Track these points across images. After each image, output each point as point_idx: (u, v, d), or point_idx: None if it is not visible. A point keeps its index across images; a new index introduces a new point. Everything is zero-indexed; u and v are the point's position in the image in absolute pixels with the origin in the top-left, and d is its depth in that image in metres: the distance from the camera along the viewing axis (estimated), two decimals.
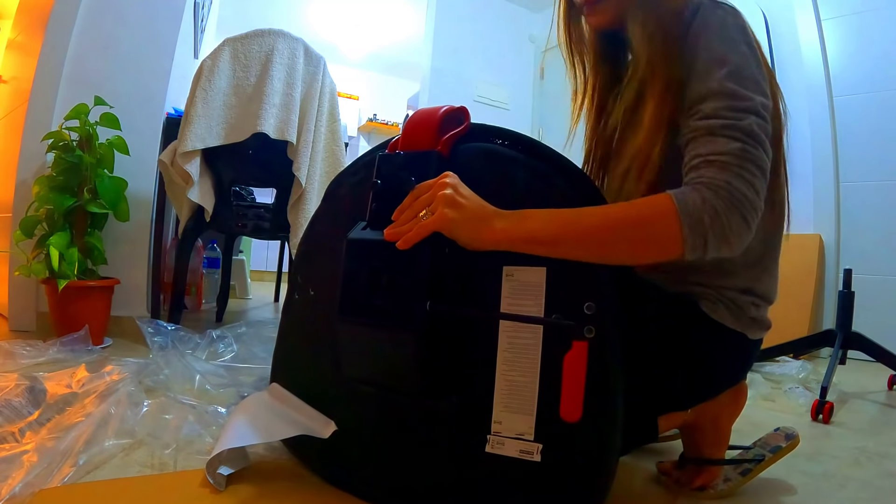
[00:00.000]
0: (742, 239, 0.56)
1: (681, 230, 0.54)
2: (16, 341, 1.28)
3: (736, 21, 0.62)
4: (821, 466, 0.91)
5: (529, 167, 0.63)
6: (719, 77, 0.59)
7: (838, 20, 2.33)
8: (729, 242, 0.55)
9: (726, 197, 0.54)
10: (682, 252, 0.55)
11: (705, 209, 0.54)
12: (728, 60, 0.59)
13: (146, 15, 1.74)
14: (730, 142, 0.56)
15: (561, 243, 0.57)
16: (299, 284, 0.77)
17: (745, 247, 0.57)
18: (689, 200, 0.55)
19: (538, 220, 0.58)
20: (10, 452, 0.68)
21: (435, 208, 0.58)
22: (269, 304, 2.74)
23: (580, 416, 0.55)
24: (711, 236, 0.54)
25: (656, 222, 0.56)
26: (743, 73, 0.59)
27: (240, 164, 1.66)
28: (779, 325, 0.80)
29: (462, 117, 0.68)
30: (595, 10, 0.73)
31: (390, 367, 0.64)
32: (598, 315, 0.56)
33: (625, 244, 0.57)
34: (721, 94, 0.58)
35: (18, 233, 1.43)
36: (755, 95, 0.58)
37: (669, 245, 0.55)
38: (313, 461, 0.73)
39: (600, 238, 0.57)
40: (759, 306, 0.69)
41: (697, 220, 0.54)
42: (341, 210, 0.74)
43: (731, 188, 0.54)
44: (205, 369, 1.11)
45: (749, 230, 0.56)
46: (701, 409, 0.74)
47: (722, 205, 0.54)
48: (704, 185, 0.55)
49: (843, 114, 2.30)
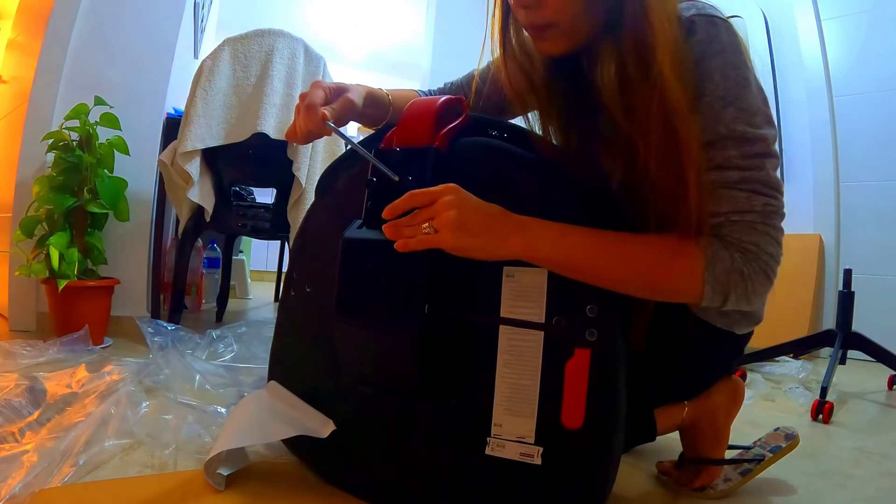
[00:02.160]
0: (763, 297, 0.56)
1: (703, 287, 0.54)
2: (16, 341, 1.28)
3: (732, 39, 0.56)
4: (821, 466, 0.91)
5: (530, 164, 0.62)
6: (727, 119, 0.55)
7: (838, 20, 2.33)
8: (749, 300, 0.55)
9: (754, 260, 0.54)
10: (699, 303, 0.56)
11: (733, 271, 0.53)
12: (733, 95, 0.55)
13: (146, 15, 1.74)
14: (752, 197, 0.54)
15: (575, 272, 0.56)
16: (295, 281, 0.76)
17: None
18: (718, 260, 0.53)
19: (556, 244, 0.55)
20: (10, 452, 0.68)
21: (440, 229, 0.55)
22: (269, 304, 2.74)
23: (582, 423, 0.55)
24: (733, 296, 0.54)
25: (680, 278, 0.55)
26: (751, 109, 0.55)
27: (240, 164, 1.66)
28: (779, 325, 0.80)
29: (460, 109, 0.66)
30: (544, 36, 0.61)
31: (388, 368, 0.64)
32: (601, 318, 0.55)
33: (642, 287, 0.56)
34: (731, 140, 0.54)
35: (18, 233, 1.43)
36: (766, 131, 0.55)
37: (687, 297, 0.56)
38: (313, 461, 0.73)
39: (618, 275, 0.56)
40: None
41: (723, 282, 0.54)
42: (337, 204, 0.73)
43: (760, 251, 0.54)
44: (205, 369, 1.11)
45: (771, 285, 0.55)
46: (699, 408, 0.75)
47: (749, 269, 0.54)
48: (735, 246, 0.54)
49: (843, 114, 2.30)
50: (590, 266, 0.55)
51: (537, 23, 0.60)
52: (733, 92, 0.55)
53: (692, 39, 0.56)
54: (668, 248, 0.56)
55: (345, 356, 0.67)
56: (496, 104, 0.82)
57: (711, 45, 0.55)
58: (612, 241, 0.56)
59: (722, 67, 0.55)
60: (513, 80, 0.69)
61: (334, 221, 0.68)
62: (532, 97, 0.69)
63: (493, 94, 0.80)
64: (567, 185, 0.61)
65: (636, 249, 0.56)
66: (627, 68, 0.56)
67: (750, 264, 0.54)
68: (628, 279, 0.56)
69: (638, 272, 0.56)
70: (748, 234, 0.54)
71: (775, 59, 2.46)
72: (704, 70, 0.55)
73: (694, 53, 0.56)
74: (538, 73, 0.67)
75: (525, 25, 0.62)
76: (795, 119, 2.42)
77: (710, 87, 0.55)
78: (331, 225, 0.69)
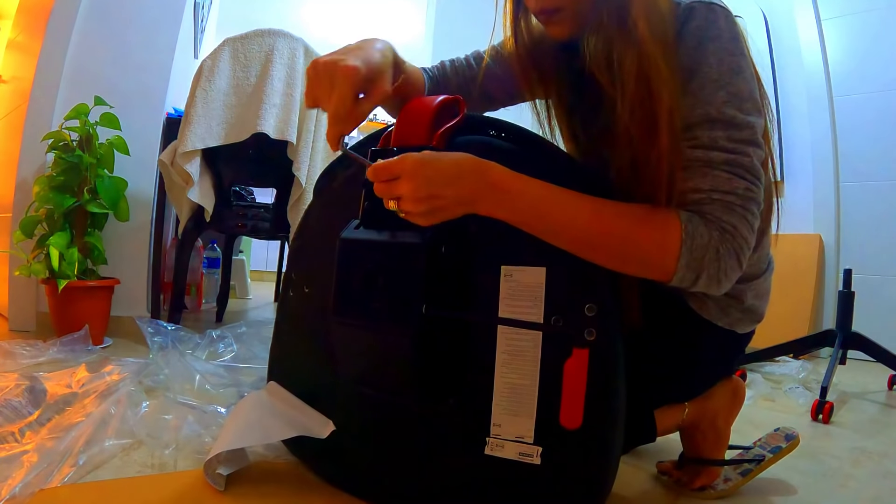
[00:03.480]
0: (731, 281, 0.56)
1: (676, 263, 0.53)
2: (16, 341, 1.28)
3: (730, 27, 0.57)
4: (821, 466, 0.91)
5: (529, 162, 0.62)
6: (717, 101, 0.55)
7: (838, 20, 2.33)
8: (719, 283, 0.55)
9: (730, 241, 0.54)
10: (669, 281, 0.55)
11: (709, 248, 0.53)
12: (725, 80, 0.55)
13: (146, 15, 1.74)
14: (733, 178, 0.54)
15: (549, 235, 0.56)
16: (294, 281, 0.76)
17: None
18: (697, 235, 0.53)
19: (531, 207, 0.55)
20: (10, 452, 0.68)
21: (408, 211, 0.55)
22: (269, 304, 2.74)
23: (581, 424, 0.55)
24: (705, 276, 0.54)
25: (656, 248, 0.54)
26: (742, 95, 0.56)
27: (240, 164, 1.66)
28: (779, 325, 0.80)
29: (457, 108, 0.66)
30: (553, 20, 0.65)
31: (387, 369, 0.63)
32: (599, 317, 0.55)
33: (614, 254, 0.56)
34: (720, 122, 0.55)
35: (18, 233, 1.43)
36: (754, 120, 0.56)
37: (660, 272, 0.55)
38: (313, 461, 0.73)
39: (592, 240, 0.55)
40: (752, 292, 0.69)
41: (698, 258, 0.53)
42: (334, 205, 0.73)
43: (736, 233, 0.54)
44: (205, 369, 1.11)
45: (740, 271, 0.56)
46: (699, 409, 0.75)
47: (724, 249, 0.53)
48: (714, 225, 0.54)
49: (843, 114, 2.30)
50: (565, 229, 0.55)
51: (546, 7, 0.64)
52: (726, 77, 0.56)
53: (690, 25, 0.57)
54: (647, 217, 0.56)
55: (343, 357, 0.67)
56: (505, 88, 0.81)
57: (709, 30, 0.57)
58: (590, 203, 0.56)
59: (717, 52, 0.56)
60: (524, 68, 0.73)
61: (332, 222, 0.68)
62: (540, 86, 0.73)
63: (503, 77, 0.80)
64: (565, 184, 0.60)
65: (615, 212, 0.56)
66: (609, 29, 0.59)
67: (725, 244, 0.54)
68: (601, 244, 0.55)
69: (613, 238, 0.55)
70: (727, 214, 0.54)
71: (775, 59, 2.46)
72: (700, 54, 0.56)
73: (692, 39, 0.57)
74: (548, 61, 0.72)
75: (535, 11, 0.66)
76: (795, 119, 2.41)
77: (703, 70, 0.56)
78: (329, 226, 0.69)
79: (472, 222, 0.58)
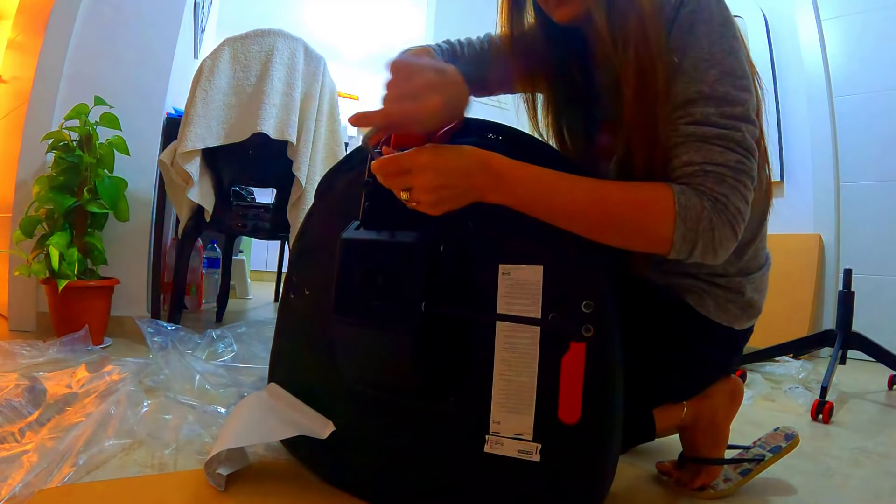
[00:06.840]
0: (728, 250, 0.57)
1: (673, 233, 0.55)
2: (16, 341, 1.28)
3: (722, 12, 0.59)
4: (821, 466, 0.92)
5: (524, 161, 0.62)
6: (710, 79, 0.57)
7: (838, 20, 2.33)
8: (716, 253, 0.56)
9: (723, 210, 0.55)
10: (668, 252, 0.56)
11: (702, 218, 0.54)
12: (718, 59, 0.57)
13: (146, 15, 1.74)
14: (725, 152, 0.55)
15: (553, 216, 0.57)
16: (295, 283, 0.77)
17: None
18: (690, 206, 0.54)
19: (530, 191, 0.57)
20: (10, 452, 0.68)
21: (419, 201, 0.57)
22: (269, 304, 2.74)
23: (579, 418, 0.55)
24: (701, 245, 0.55)
25: (652, 219, 0.56)
26: (735, 73, 0.57)
27: (240, 164, 1.66)
28: (779, 325, 0.80)
29: None
30: (562, 1, 0.64)
31: (387, 367, 0.64)
32: (597, 313, 0.55)
33: (613, 230, 0.57)
34: (712, 99, 0.56)
35: (18, 233, 1.43)
36: (746, 97, 0.57)
37: (658, 244, 0.56)
38: (313, 461, 0.73)
39: (590, 218, 0.57)
40: (752, 285, 0.69)
41: (692, 228, 0.54)
42: (335, 207, 0.73)
43: (728, 202, 0.55)
44: (205, 369, 1.11)
45: (736, 241, 0.57)
46: (698, 408, 0.75)
47: (718, 218, 0.54)
48: (706, 195, 0.55)
49: (843, 114, 2.30)
50: (565, 209, 0.57)
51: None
52: (718, 56, 0.57)
53: (684, 10, 0.59)
54: (642, 192, 0.57)
55: (344, 356, 0.67)
56: (499, 78, 0.81)
57: (701, 14, 0.59)
58: (587, 183, 0.58)
59: (709, 34, 0.58)
60: (516, 61, 0.74)
61: (333, 224, 0.68)
62: (530, 80, 0.74)
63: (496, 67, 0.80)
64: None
65: (611, 188, 0.58)
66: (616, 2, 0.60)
67: (718, 214, 0.54)
68: (600, 221, 0.57)
69: (610, 213, 0.56)
70: (719, 185, 0.55)
71: (775, 59, 2.46)
72: (692, 36, 0.58)
73: (684, 22, 0.59)
74: (539, 56, 0.72)
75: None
76: (795, 119, 2.42)
77: (696, 51, 0.58)
78: (330, 228, 0.69)
79: (470, 220, 0.59)
